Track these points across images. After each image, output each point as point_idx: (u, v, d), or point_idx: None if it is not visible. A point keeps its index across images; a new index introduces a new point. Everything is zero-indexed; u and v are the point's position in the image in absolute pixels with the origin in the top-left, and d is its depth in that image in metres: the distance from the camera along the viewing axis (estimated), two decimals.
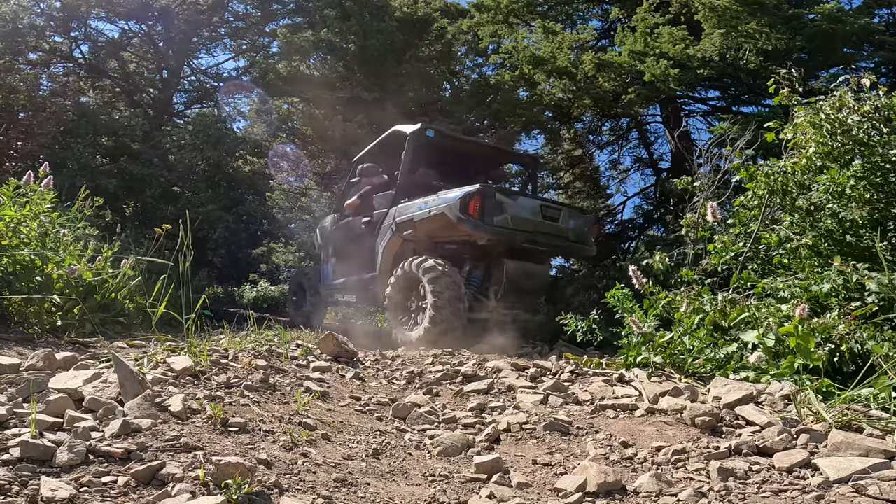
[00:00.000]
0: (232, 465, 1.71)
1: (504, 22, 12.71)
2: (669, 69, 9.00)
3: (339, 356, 4.12)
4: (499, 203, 5.54)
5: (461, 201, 5.41)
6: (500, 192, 5.73)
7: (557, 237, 5.98)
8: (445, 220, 5.53)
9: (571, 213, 6.27)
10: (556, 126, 12.96)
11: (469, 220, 5.40)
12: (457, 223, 5.44)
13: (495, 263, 5.88)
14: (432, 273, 5.41)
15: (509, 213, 5.59)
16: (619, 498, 1.97)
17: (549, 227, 5.89)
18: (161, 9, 13.75)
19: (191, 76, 16.20)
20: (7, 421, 1.91)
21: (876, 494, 1.75)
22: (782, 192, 4.24)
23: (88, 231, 5.37)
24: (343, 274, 7.24)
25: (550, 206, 6.06)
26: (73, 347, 3.45)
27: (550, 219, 5.92)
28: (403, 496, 1.97)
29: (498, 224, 5.50)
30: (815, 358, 2.86)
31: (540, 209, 5.90)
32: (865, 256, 3.71)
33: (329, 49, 11.47)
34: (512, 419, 2.80)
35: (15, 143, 9.47)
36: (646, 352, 3.65)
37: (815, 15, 8.53)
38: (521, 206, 5.74)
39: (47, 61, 13.24)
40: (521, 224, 5.65)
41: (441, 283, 5.33)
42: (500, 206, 5.54)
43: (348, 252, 7.03)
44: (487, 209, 5.44)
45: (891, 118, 3.94)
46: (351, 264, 6.95)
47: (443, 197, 5.65)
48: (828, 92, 4.26)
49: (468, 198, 5.42)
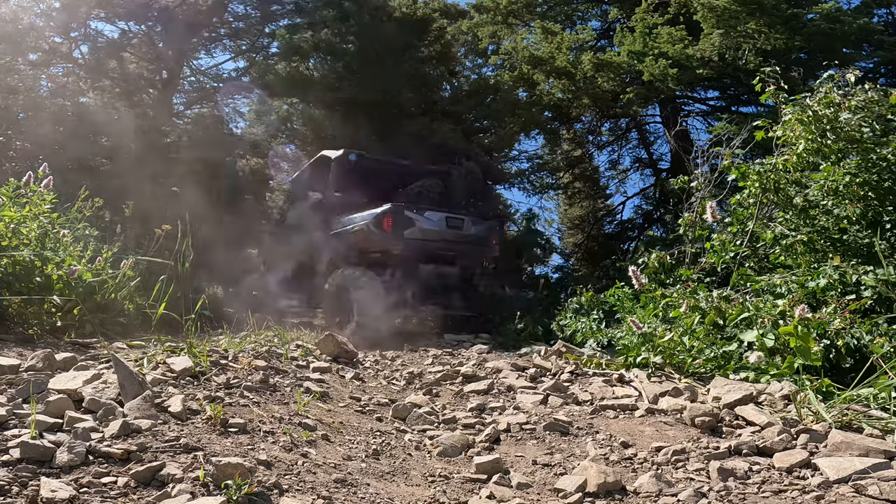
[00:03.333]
0: (232, 465, 1.71)
1: (503, 22, 12.72)
2: (668, 69, 9.01)
3: (338, 357, 4.13)
4: (408, 218, 6.51)
5: (376, 218, 6.38)
6: (409, 208, 6.68)
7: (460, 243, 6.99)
8: (364, 234, 6.48)
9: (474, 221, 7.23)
10: (556, 126, 12.97)
11: (383, 234, 6.35)
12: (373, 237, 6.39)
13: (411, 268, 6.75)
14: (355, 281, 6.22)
15: (417, 226, 6.57)
16: (619, 498, 1.97)
17: (454, 234, 6.91)
18: (161, 9, 13.73)
19: (190, 77, 16.18)
20: (7, 422, 1.91)
21: (876, 494, 1.75)
22: (775, 189, 4.26)
23: (88, 232, 5.37)
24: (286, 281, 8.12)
25: (454, 217, 7.02)
26: (73, 348, 3.45)
27: (454, 227, 6.92)
28: (403, 496, 1.97)
29: (408, 236, 6.47)
30: (815, 358, 2.87)
31: (445, 220, 6.86)
32: (860, 253, 3.72)
33: (328, 50, 11.47)
34: (512, 419, 2.80)
35: (14, 143, 9.46)
36: (645, 352, 3.65)
37: (814, 15, 8.55)
38: (428, 220, 6.71)
39: (47, 62, 13.22)
40: (428, 234, 6.65)
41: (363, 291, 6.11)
42: (409, 220, 6.51)
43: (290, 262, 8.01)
44: (398, 224, 6.39)
45: (883, 114, 3.94)
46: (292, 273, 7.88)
47: (362, 215, 6.63)
48: (811, 88, 4.27)
49: (382, 215, 6.38)
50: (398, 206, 6.57)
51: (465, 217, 7.19)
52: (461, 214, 7.32)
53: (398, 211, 6.49)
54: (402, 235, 6.45)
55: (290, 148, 14.24)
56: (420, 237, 6.60)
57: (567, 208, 17.52)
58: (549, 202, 17.64)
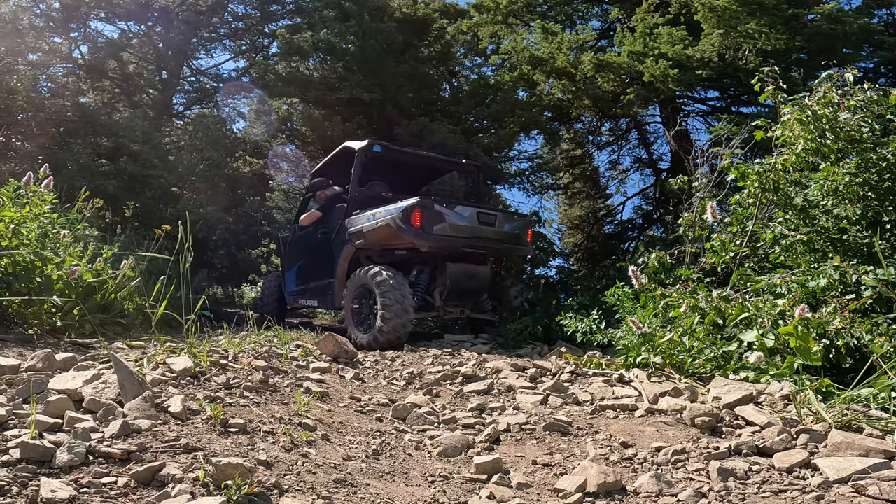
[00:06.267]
0: (232, 465, 1.71)
1: (503, 22, 12.71)
2: (669, 69, 9.00)
3: (338, 357, 4.13)
4: (437, 213, 6.12)
5: (403, 213, 6.00)
6: (439, 202, 6.29)
7: (493, 240, 6.57)
8: (391, 230, 6.09)
9: (506, 217, 6.86)
10: (556, 126, 12.97)
11: (411, 229, 5.97)
12: (400, 233, 6.00)
13: (439, 267, 6.49)
14: (381, 283, 5.83)
15: (447, 221, 6.18)
16: (619, 498, 1.97)
17: (486, 231, 6.49)
18: (160, 9, 13.74)
19: (190, 77, 16.18)
20: (7, 422, 1.91)
21: (876, 494, 1.75)
22: (774, 189, 4.26)
23: (88, 232, 5.37)
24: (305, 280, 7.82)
25: (486, 213, 6.63)
26: (73, 348, 3.45)
27: (486, 224, 6.50)
28: (403, 497, 1.97)
29: (437, 232, 6.07)
30: (815, 358, 2.87)
31: (476, 216, 6.45)
32: (860, 253, 3.72)
33: (328, 50, 11.46)
34: (512, 420, 2.80)
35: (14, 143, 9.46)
36: (645, 352, 3.65)
37: (815, 15, 8.54)
38: (459, 215, 6.31)
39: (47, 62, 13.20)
40: (458, 231, 6.23)
41: (389, 293, 5.75)
42: (439, 215, 6.13)
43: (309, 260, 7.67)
44: (427, 219, 6.02)
45: (883, 114, 3.94)
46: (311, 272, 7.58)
47: (388, 209, 6.22)
48: (811, 88, 4.27)
49: (410, 209, 6.00)
50: (427, 200, 6.16)
51: (498, 213, 6.83)
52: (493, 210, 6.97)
53: (427, 205, 6.05)
54: (431, 231, 6.00)
55: (290, 148, 14.24)
56: (450, 233, 6.17)
57: (567, 208, 17.52)
58: (548, 202, 17.65)
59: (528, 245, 7.02)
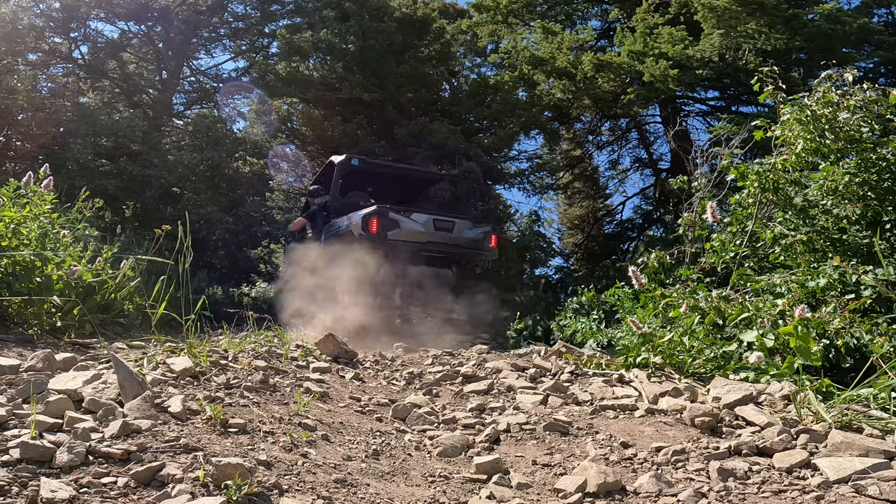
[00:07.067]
0: (232, 465, 1.71)
1: (503, 22, 12.72)
2: (669, 69, 9.01)
3: (338, 357, 4.12)
4: (392, 220, 6.63)
5: (363, 220, 6.54)
6: (395, 210, 6.81)
7: (450, 245, 7.06)
8: (353, 236, 6.62)
9: (466, 224, 7.27)
10: (556, 126, 12.98)
11: (368, 235, 6.48)
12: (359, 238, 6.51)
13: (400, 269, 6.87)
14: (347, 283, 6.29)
15: (402, 227, 6.68)
16: (618, 498, 1.97)
17: (442, 237, 6.99)
18: (160, 9, 13.74)
19: (190, 77, 16.20)
20: (7, 422, 1.91)
21: (876, 494, 1.75)
22: (774, 189, 4.26)
23: (88, 232, 5.37)
24: None
25: (443, 220, 7.11)
26: (73, 348, 3.45)
27: (444, 230, 7.00)
28: (403, 497, 1.97)
29: (392, 237, 6.59)
30: (815, 358, 2.87)
31: (432, 222, 6.96)
32: (860, 253, 3.72)
33: (328, 50, 11.47)
34: (512, 420, 2.80)
35: (14, 143, 9.46)
36: (645, 352, 3.65)
37: (815, 15, 8.55)
38: (414, 221, 6.82)
39: (46, 62, 13.21)
40: (412, 236, 6.75)
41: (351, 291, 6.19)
42: (394, 222, 6.64)
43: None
44: (383, 226, 6.52)
45: (882, 114, 3.94)
46: None
47: (351, 217, 6.79)
48: (811, 88, 4.28)
49: (368, 217, 6.55)
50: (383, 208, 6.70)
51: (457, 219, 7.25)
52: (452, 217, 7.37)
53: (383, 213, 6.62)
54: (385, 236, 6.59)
55: (290, 148, 14.25)
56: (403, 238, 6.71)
57: (567, 208, 17.52)
58: (548, 202, 17.65)
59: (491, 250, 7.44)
